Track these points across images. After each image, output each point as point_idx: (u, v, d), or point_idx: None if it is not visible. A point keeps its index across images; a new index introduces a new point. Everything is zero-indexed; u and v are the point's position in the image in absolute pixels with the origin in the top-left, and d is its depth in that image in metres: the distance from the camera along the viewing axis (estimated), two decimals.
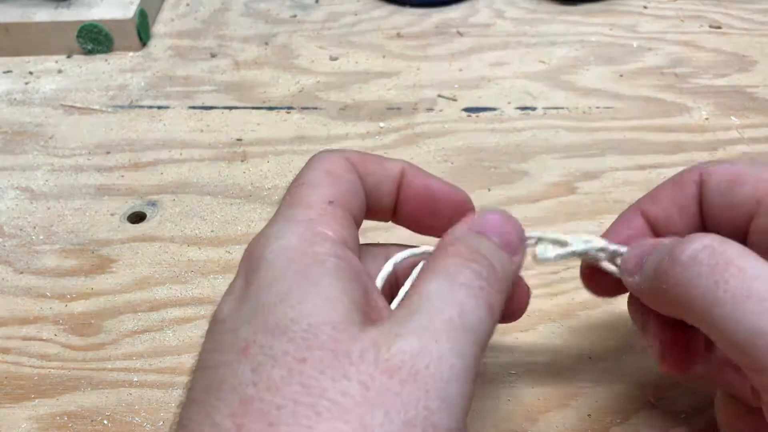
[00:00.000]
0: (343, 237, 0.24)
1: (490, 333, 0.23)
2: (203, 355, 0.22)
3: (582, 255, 0.27)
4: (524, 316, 0.35)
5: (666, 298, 0.23)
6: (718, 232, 0.25)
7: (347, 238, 0.24)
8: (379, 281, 0.26)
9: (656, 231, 0.28)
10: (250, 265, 0.23)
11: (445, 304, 0.22)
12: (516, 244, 0.25)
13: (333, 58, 0.53)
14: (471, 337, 0.22)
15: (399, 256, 0.27)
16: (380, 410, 0.19)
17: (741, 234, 0.26)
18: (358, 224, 0.26)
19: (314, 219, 0.24)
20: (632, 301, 0.28)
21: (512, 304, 0.27)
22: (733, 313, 0.21)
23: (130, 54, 0.55)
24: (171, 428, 0.22)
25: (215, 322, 0.23)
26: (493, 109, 0.48)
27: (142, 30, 0.55)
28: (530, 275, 0.36)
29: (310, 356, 0.20)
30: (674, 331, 0.26)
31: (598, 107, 0.48)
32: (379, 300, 0.24)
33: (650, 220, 0.28)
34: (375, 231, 0.35)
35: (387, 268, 0.26)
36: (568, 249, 0.27)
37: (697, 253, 0.22)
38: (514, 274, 0.25)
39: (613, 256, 0.27)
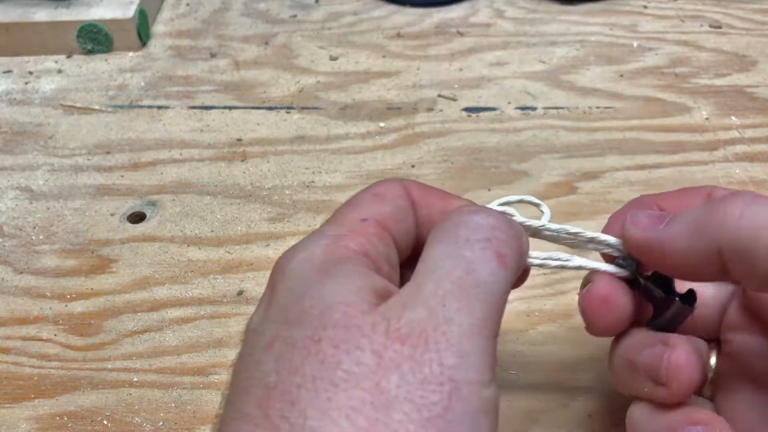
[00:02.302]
0: (366, 250, 0.24)
1: (506, 285, 0.23)
2: (237, 363, 0.23)
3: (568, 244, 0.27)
4: (524, 315, 0.36)
5: (718, 235, 0.23)
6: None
7: (372, 253, 0.24)
8: None
9: None
10: (276, 277, 0.24)
11: (452, 266, 0.22)
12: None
13: (333, 58, 0.53)
14: (482, 292, 0.22)
15: None
16: (395, 373, 0.20)
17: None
18: (401, 246, 0.26)
19: (342, 234, 0.24)
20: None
21: None
22: None
23: (130, 54, 0.55)
24: None
25: (247, 332, 0.24)
26: (493, 109, 0.48)
27: (142, 30, 0.55)
28: (531, 275, 0.36)
29: (324, 335, 0.21)
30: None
31: (598, 107, 0.48)
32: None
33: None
34: None
35: None
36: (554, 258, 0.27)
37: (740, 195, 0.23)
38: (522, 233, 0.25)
39: (604, 249, 0.27)
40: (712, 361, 0.27)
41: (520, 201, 0.29)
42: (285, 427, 0.20)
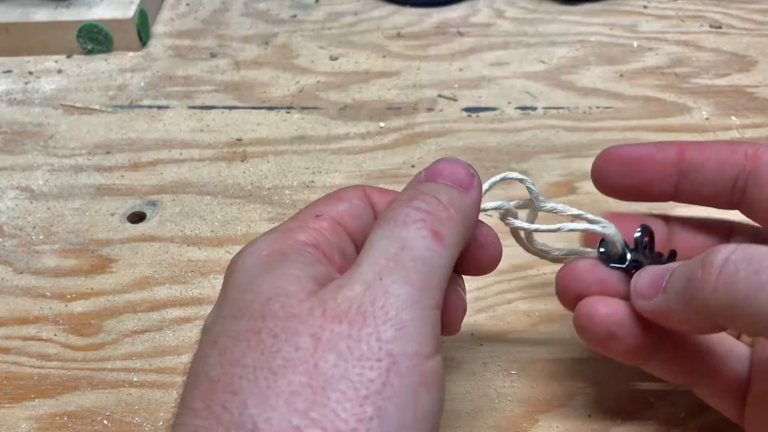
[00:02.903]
0: (317, 242, 0.24)
1: (444, 260, 0.23)
2: (190, 363, 0.24)
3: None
4: (524, 316, 0.36)
5: (703, 307, 0.23)
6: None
7: (323, 244, 0.25)
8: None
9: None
10: (227, 274, 0.25)
11: (388, 244, 0.23)
12: (466, 180, 0.26)
13: (333, 58, 0.53)
14: (418, 264, 0.22)
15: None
16: (332, 353, 0.20)
17: None
18: (360, 244, 0.26)
19: (293, 228, 0.25)
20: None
21: (481, 255, 0.27)
22: None
23: (130, 54, 0.55)
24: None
25: (202, 332, 0.24)
26: (493, 109, 0.48)
27: (142, 30, 0.55)
28: (531, 275, 0.36)
29: (264, 326, 0.21)
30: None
31: (598, 107, 0.48)
32: None
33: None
34: None
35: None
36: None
37: (730, 255, 0.22)
38: (470, 208, 0.25)
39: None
40: None
41: (503, 179, 0.29)
42: (226, 416, 0.20)
